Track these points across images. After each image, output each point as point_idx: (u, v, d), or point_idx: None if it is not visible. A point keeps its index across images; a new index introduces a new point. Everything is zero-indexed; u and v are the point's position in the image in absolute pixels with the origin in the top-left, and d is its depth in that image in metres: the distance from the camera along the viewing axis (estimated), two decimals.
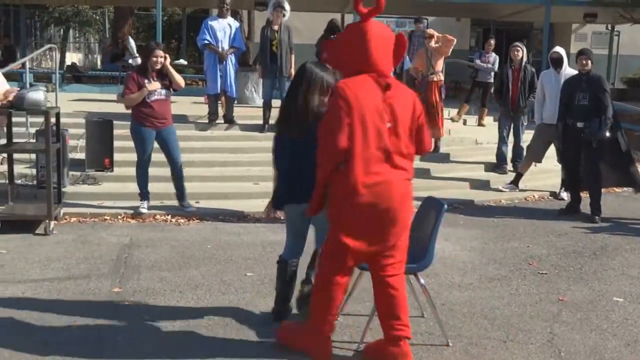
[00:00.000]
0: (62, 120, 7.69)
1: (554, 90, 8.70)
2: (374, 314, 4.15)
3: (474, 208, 8.55)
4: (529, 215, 8.27)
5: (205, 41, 10.04)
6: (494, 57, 12.98)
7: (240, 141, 10.06)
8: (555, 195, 9.31)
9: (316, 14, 17.93)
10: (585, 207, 8.21)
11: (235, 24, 10.29)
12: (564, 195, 9.04)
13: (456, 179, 9.55)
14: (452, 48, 9.99)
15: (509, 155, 10.11)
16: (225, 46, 10.06)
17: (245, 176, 8.93)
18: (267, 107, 10.26)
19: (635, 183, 8.29)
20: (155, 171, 7.79)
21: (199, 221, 7.53)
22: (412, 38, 13.25)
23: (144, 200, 7.64)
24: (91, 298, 5.10)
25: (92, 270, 5.73)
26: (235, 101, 10.71)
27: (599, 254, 6.65)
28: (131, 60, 14.62)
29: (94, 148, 8.64)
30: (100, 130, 8.74)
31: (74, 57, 32.89)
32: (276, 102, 10.21)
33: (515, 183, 9.43)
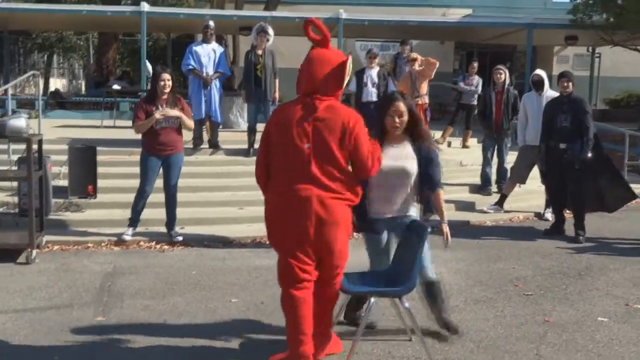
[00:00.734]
0: (45, 147, 7.64)
1: (536, 112, 8.79)
2: (359, 336, 4.13)
3: (459, 229, 8.54)
4: (513, 236, 8.29)
5: (190, 66, 10.05)
6: (477, 80, 13.07)
7: (226, 166, 10.05)
8: (539, 215, 9.35)
9: (300, 38, 17.99)
10: (570, 228, 8.24)
11: (219, 49, 10.32)
12: (549, 215, 9.08)
13: None
14: (436, 71, 10.07)
15: (494, 176, 10.15)
16: (210, 71, 10.08)
17: (231, 201, 8.91)
18: (252, 132, 10.26)
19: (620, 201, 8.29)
20: None
21: (183, 247, 7.48)
22: (398, 60, 13.34)
23: (131, 227, 7.58)
24: (74, 328, 5.03)
25: (75, 299, 5.67)
26: (220, 126, 10.71)
27: (584, 274, 6.67)
28: (115, 86, 14.67)
29: (77, 175, 8.58)
30: (84, 156, 8.69)
31: (57, 83, 32.89)
32: (261, 127, 10.19)
33: (500, 204, 9.47)
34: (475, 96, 12.87)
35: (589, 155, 7.91)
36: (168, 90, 7.25)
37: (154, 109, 7.20)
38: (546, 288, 6.17)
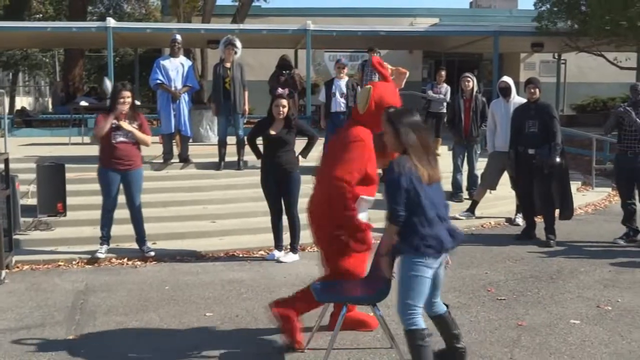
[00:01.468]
0: (12, 165, 7.53)
1: (504, 119, 8.89)
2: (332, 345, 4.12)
3: None
4: (485, 242, 8.34)
5: (158, 81, 10.01)
6: (445, 88, 13.17)
7: (196, 179, 10.00)
8: (510, 221, 9.43)
9: (268, 50, 18.06)
10: (540, 232, 8.33)
11: (187, 63, 10.29)
12: (519, 220, 9.16)
13: None
14: (405, 80, 10.11)
15: (464, 183, 10.22)
16: (179, 85, 10.04)
17: (202, 215, 8.86)
18: (223, 145, 10.22)
19: (568, 209, 8.36)
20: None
21: (156, 263, 7.42)
22: (366, 68, 13.39)
23: (104, 245, 7.50)
24: (46, 348, 4.95)
25: (47, 319, 5.58)
26: (190, 140, 10.66)
27: (555, 277, 6.73)
28: (83, 102, 14.53)
29: (45, 193, 8.47)
30: (52, 174, 8.57)
31: (24, 101, 32.51)
32: (231, 139, 10.21)
33: (471, 210, 9.53)
34: (444, 104, 12.97)
35: (558, 159, 8.01)
36: (127, 107, 7.28)
37: (114, 123, 7.22)
38: (519, 292, 6.22)
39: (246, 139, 7.80)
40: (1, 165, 6.94)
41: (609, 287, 6.37)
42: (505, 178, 9.34)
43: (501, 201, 10.19)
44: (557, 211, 8.30)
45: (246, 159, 9.98)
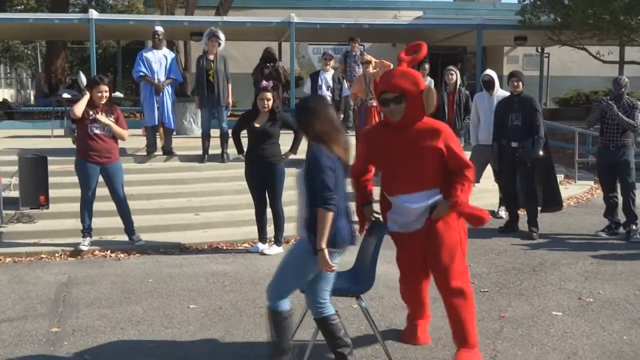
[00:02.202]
0: None
1: (487, 112, 8.92)
2: (314, 339, 4.12)
3: None
4: (469, 234, 8.30)
5: (141, 73, 9.96)
6: (429, 81, 13.21)
7: (180, 172, 9.97)
8: (493, 214, 9.45)
9: (252, 43, 18.01)
10: (523, 225, 8.38)
11: (170, 55, 10.24)
12: (502, 213, 9.21)
13: None
14: None
15: None
16: (162, 77, 9.99)
17: (186, 207, 8.83)
18: (206, 137, 10.19)
19: (558, 203, 8.43)
20: (94, 206, 7.62)
21: (139, 255, 7.40)
22: (348, 59, 13.38)
23: (86, 237, 7.48)
24: (28, 340, 4.93)
25: (29, 311, 5.55)
26: (174, 132, 10.62)
27: (538, 269, 6.79)
28: (65, 94, 14.42)
29: (28, 185, 8.41)
30: (35, 166, 8.52)
31: (5, 93, 32.15)
32: (215, 132, 10.18)
33: None
34: None
35: (541, 153, 8.05)
36: (104, 101, 7.28)
37: (91, 113, 7.21)
38: (501, 284, 6.26)
39: (230, 132, 7.78)
40: None
41: (591, 279, 6.43)
42: (488, 171, 9.38)
43: (484, 194, 10.21)
44: (541, 204, 8.35)
45: (230, 151, 9.97)
